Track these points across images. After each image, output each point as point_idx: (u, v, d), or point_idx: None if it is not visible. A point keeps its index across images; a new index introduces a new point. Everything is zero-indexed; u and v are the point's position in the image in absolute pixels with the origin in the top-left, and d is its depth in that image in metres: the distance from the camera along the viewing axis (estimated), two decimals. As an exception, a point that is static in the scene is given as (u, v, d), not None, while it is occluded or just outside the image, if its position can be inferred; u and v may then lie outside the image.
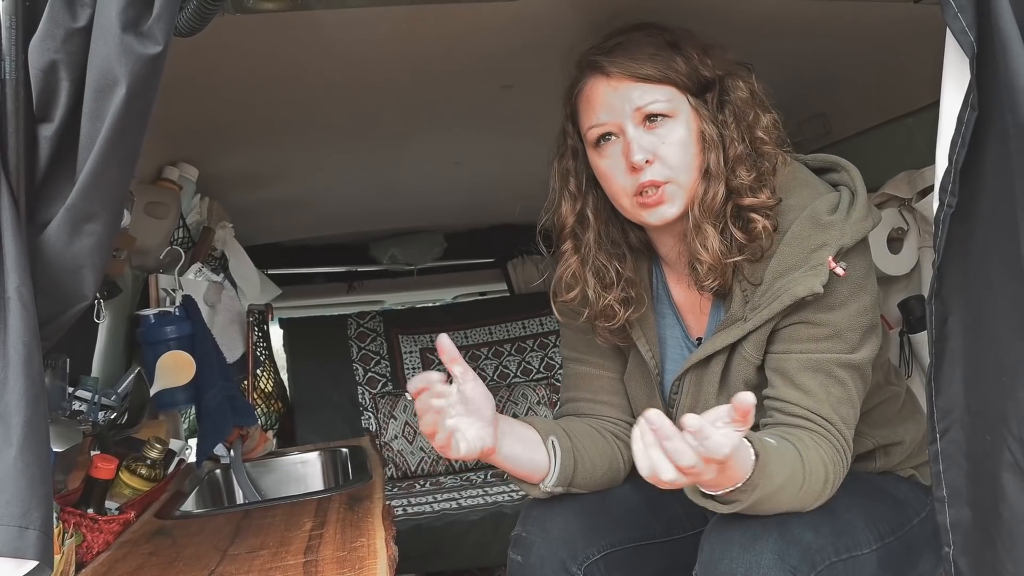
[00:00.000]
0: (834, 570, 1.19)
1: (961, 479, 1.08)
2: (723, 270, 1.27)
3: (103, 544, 1.46)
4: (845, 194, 1.29)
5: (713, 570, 1.18)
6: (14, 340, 0.93)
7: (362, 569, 1.15)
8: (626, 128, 1.25)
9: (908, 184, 2.00)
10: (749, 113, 1.29)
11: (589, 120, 1.29)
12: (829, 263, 1.22)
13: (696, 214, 1.26)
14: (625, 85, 1.25)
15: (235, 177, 2.38)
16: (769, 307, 1.25)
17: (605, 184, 1.31)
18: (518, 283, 3.82)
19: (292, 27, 1.36)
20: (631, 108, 1.25)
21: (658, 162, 1.24)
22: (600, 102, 1.27)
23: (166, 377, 1.92)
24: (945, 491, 1.09)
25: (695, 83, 1.27)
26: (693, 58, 1.27)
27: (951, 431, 1.09)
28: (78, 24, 0.90)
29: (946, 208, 1.06)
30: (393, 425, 3.12)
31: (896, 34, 1.60)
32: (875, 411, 1.42)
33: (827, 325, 1.24)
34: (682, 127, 1.26)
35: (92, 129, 0.91)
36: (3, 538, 0.89)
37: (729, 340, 1.29)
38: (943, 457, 1.10)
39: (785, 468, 1.15)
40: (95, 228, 0.95)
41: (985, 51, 1.02)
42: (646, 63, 1.25)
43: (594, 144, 1.29)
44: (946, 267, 1.08)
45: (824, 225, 1.24)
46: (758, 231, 1.25)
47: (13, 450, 0.91)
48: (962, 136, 1.05)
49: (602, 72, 1.27)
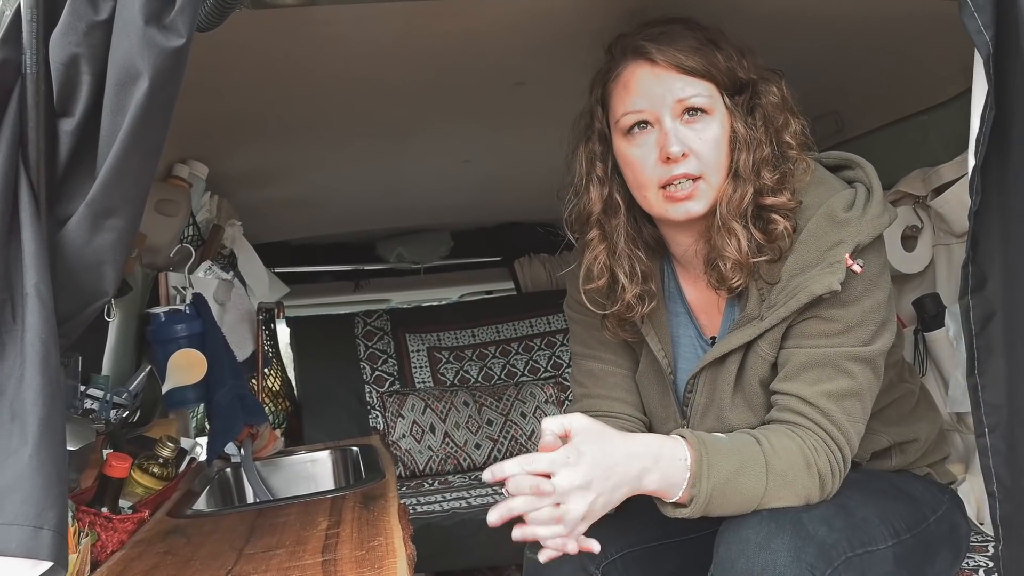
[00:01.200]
0: (850, 565, 1.19)
1: (1009, 474, 1.09)
2: (749, 269, 1.26)
3: (117, 543, 1.46)
4: (861, 191, 1.28)
5: (729, 569, 1.17)
6: (31, 337, 0.92)
7: (382, 568, 1.14)
8: (663, 118, 1.24)
9: (922, 182, 2.00)
10: (779, 118, 1.28)
11: (625, 105, 1.26)
12: (846, 260, 1.21)
13: (723, 212, 1.25)
14: (669, 75, 1.23)
15: (243, 175, 2.37)
16: (786, 305, 1.24)
17: (630, 173, 1.29)
18: (525, 282, 3.81)
19: (303, 23, 1.35)
20: (672, 99, 1.23)
21: (692, 157, 1.23)
22: (640, 88, 1.25)
23: (178, 375, 1.91)
24: (996, 487, 1.10)
25: (732, 82, 1.26)
26: (732, 57, 1.26)
27: (1001, 427, 1.09)
28: (100, 17, 0.88)
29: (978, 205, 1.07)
30: (401, 424, 3.11)
31: (910, 31, 1.59)
32: (890, 408, 1.42)
33: (840, 320, 1.24)
34: (717, 125, 1.25)
35: (113, 123, 0.90)
36: (17, 538, 0.88)
37: (745, 339, 1.28)
38: (993, 452, 1.10)
39: (734, 453, 1.18)
40: (116, 223, 0.94)
41: (1003, 50, 1.02)
42: (692, 55, 1.23)
43: (625, 131, 1.27)
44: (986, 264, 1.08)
45: (841, 222, 1.24)
46: (779, 232, 1.24)
47: (29, 449, 0.90)
48: (984, 134, 1.05)
49: (646, 58, 1.24)
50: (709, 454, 1.16)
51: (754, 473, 1.18)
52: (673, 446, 1.17)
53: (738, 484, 1.17)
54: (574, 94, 1.80)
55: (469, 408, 3.18)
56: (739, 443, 1.21)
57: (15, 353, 0.90)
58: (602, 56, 1.34)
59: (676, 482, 1.16)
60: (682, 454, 1.16)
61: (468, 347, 3.44)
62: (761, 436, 1.22)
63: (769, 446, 1.20)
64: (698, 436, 1.19)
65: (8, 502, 0.87)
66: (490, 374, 3.38)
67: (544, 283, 3.78)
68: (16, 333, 0.91)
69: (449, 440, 3.12)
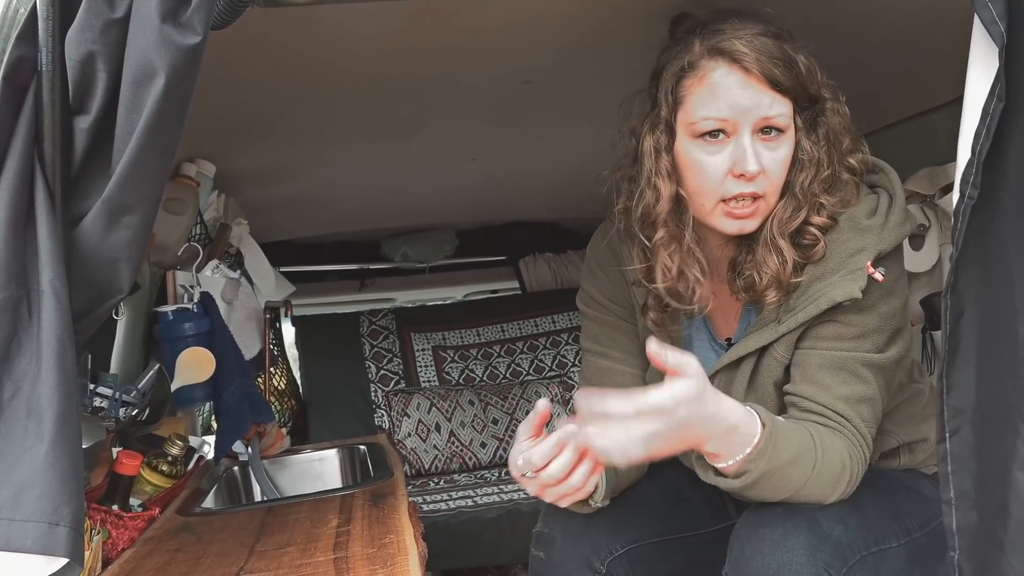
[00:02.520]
0: (865, 564, 1.19)
1: (970, 481, 1.05)
2: (787, 287, 1.23)
3: (128, 541, 1.46)
4: (883, 197, 1.27)
5: (744, 568, 1.17)
6: (47, 334, 0.92)
7: (394, 566, 1.14)
8: (742, 131, 1.18)
9: (930, 180, 2.00)
10: (844, 139, 1.24)
11: (707, 110, 1.19)
12: (868, 268, 1.20)
13: (773, 229, 1.21)
14: (761, 88, 1.17)
15: (250, 173, 2.37)
16: (805, 310, 1.23)
17: (692, 177, 1.23)
18: (530, 281, 3.81)
19: (312, 21, 1.35)
20: (758, 115, 1.17)
21: (763, 176, 1.19)
22: (727, 96, 1.17)
23: (186, 373, 1.91)
24: (953, 493, 1.05)
25: (804, 98, 1.21)
26: (808, 70, 1.20)
27: (961, 431, 1.05)
28: (116, 15, 0.88)
29: (967, 200, 1.03)
30: (406, 423, 3.11)
31: (918, 30, 1.59)
32: (899, 409, 1.41)
33: (856, 325, 1.23)
34: (789, 144, 1.20)
35: (129, 121, 0.90)
36: (33, 535, 0.88)
37: (762, 342, 1.28)
38: (952, 458, 1.05)
39: (794, 443, 1.16)
40: (132, 220, 0.94)
41: (1014, 41, 1.01)
42: (781, 68, 1.17)
43: (697, 135, 1.20)
44: (963, 261, 1.04)
45: (863, 230, 1.23)
46: (816, 251, 1.22)
47: (45, 445, 0.90)
48: (987, 127, 1.02)
49: (737, 63, 1.17)
50: (775, 438, 1.14)
51: (803, 467, 1.16)
52: (749, 422, 1.13)
53: (787, 473, 1.15)
54: (582, 93, 1.80)
55: (474, 407, 3.18)
56: (800, 434, 1.18)
57: (31, 350, 0.90)
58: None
59: (735, 452, 1.13)
60: (755, 431, 1.13)
61: (473, 346, 3.44)
62: (814, 431, 1.20)
63: (821, 444, 1.19)
64: (771, 418, 1.16)
65: (24, 498, 0.87)
66: (495, 373, 3.39)
67: (549, 282, 3.78)
68: (32, 330, 0.91)
69: (454, 439, 3.12)
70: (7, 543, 0.86)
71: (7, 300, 0.90)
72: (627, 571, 1.38)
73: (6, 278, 0.90)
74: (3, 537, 0.86)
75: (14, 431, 0.88)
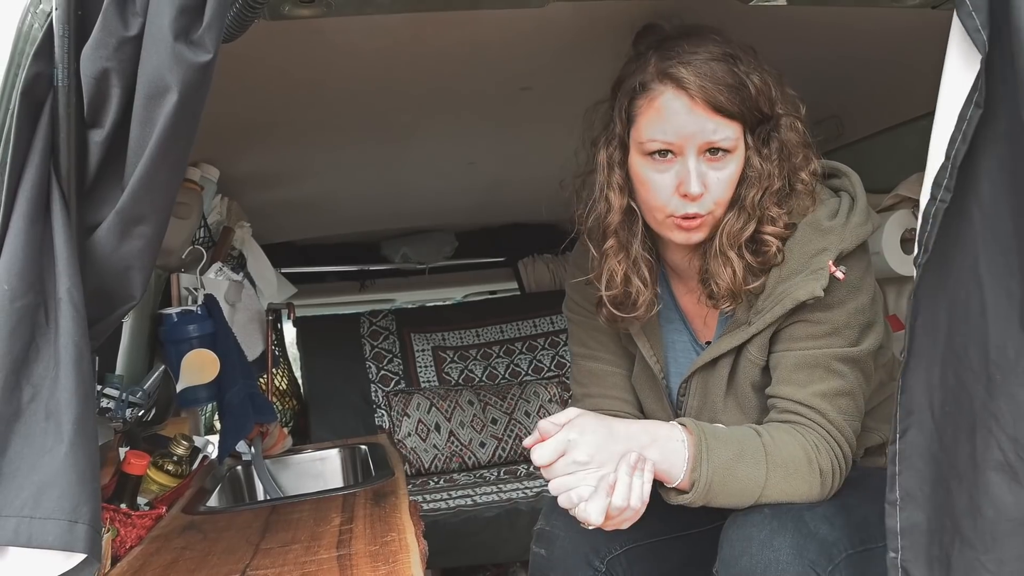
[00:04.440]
0: (851, 562, 1.22)
1: (915, 482, 1.06)
2: (740, 296, 1.29)
3: (136, 539, 1.49)
4: (845, 200, 1.31)
5: (733, 567, 1.20)
6: (65, 340, 0.95)
7: (396, 563, 1.17)
8: (688, 154, 1.23)
9: (920, 185, 2.02)
10: (798, 154, 1.29)
11: (654, 132, 1.24)
12: (829, 267, 1.25)
13: (722, 241, 1.26)
14: (704, 114, 1.21)
15: (253, 177, 2.40)
16: (771, 311, 1.28)
17: (643, 192, 1.28)
18: (528, 282, 3.84)
19: (314, 32, 1.38)
20: (702, 139, 1.22)
21: (707, 195, 1.24)
22: (673, 121, 1.23)
23: (191, 375, 1.94)
24: (899, 494, 1.07)
25: (755, 118, 1.25)
26: (761, 92, 1.24)
27: (910, 432, 1.06)
28: (130, 33, 0.92)
29: (938, 203, 1.02)
30: (406, 423, 3.15)
31: (911, 38, 1.61)
32: (882, 407, 1.45)
33: (826, 323, 1.27)
34: (735, 163, 1.25)
35: (142, 135, 0.93)
36: (54, 532, 0.91)
37: (734, 343, 1.32)
38: (900, 458, 1.07)
39: (732, 442, 1.21)
40: (144, 230, 0.97)
41: (993, 51, 1.03)
42: (726, 93, 1.21)
43: (647, 153, 1.26)
44: (931, 263, 1.04)
45: (824, 231, 1.27)
46: (771, 254, 1.27)
47: (64, 447, 0.93)
48: (963, 133, 1.03)
49: (684, 90, 1.21)
50: (708, 439, 1.20)
51: (754, 461, 1.20)
52: (670, 428, 1.21)
53: (738, 471, 1.20)
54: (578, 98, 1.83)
55: (474, 407, 3.22)
56: (738, 432, 1.24)
57: (49, 355, 0.94)
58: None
59: (676, 462, 1.19)
60: (679, 435, 1.20)
61: (472, 347, 3.47)
62: (761, 428, 1.25)
63: (769, 438, 1.23)
64: (696, 423, 1.22)
65: (45, 497, 0.90)
66: (494, 373, 3.42)
67: (547, 283, 3.81)
68: (50, 336, 0.94)
69: (454, 439, 3.16)
70: (29, 539, 0.90)
71: (26, 307, 0.93)
72: (626, 570, 1.42)
73: (25, 286, 0.93)
74: (25, 534, 0.90)
75: (34, 433, 0.92)
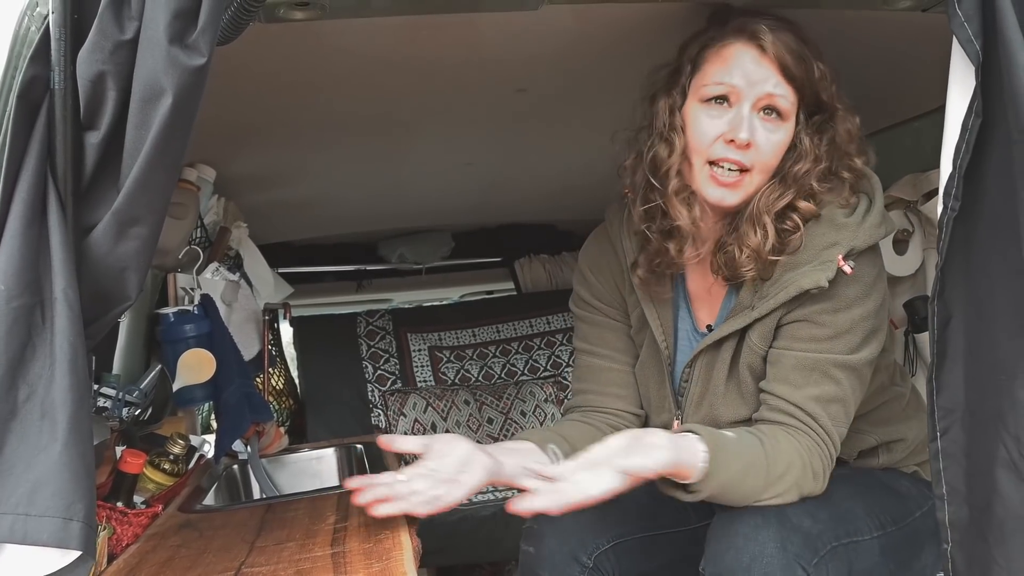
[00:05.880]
0: (836, 554, 1.24)
1: (960, 477, 1.11)
2: (763, 263, 1.30)
3: (132, 537, 1.50)
4: (864, 201, 1.33)
5: (720, 562, 1.23)
6: (61, 340, 0.96)
7: (389, 560, 1.18)
8: (744, 103, 1.26)
9: (913, 187, 2.04)
10: (850, 146, 1.32)
11: (718, 75, 1.28)
12: (838, 260, 1.26)
13: (759, 205, 1.29)
14: (771, 67, 1.25)
15: (249, 178, 2.40)
16: (775, 297, 1.29)
17: (691, 135, 1.30)
18: (525, 282, 3.85)
19: (311, 35, 1.38)
20: (762, 91, 1.26)
21: (754, 149, 1.26)
22: (740, 67, 1.26)
23: (187, 374, 1.95)
24: (945, 489, 1.12)
25: (814, 101, 1.29)
26: (824, 78, 1.29)
27: (952, 430, 1.11)
28: (126, 36, 0.92)
29: (949, 211, 1.09)
30: (403, 422, 3.15)
31: (903, 41, 1.63)
32: (879, 410, 1.46)
33: (830, 326, 1.29)
34: (785, 131, 1.28)
35: (138, 137, 0.94)
36: (48, 529, 0.92)
37: (738, 326, 1.34)
38: (943, 455, 1.13)
39: (742, 457, 1.23)
40: (140, 231, 0.98)
41: (990, 59, 1.05)
42: (794, 58, 1.26)
43: (705, 98, 1.29)
44: (949, 269, 1.10)
45: (839, 226, 1.29)
46: (793, 240, 1.29)
47: (59, 445, 0.94)
48: (966, 142, 1.07)
49: (757, 43, 1.26)
50: (721, 454, 1.22)
51: (756, 474, 1.23)
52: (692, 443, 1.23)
53: (742, 483, 1.23)
54: (574, 100, 1.85)
55: (470, 407, 3.22)
56: (746, 446, 1.25)
57: (45, 355, 0.95)
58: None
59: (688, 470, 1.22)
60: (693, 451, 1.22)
61: (469, 346, 3.48)
62: (764, 438, 1.27)
63: (772, 448, 1.25)
64: (712, 433, 1.24)
65: (40, 495, 0.91)
66: (490, 373, 3.42)
67: (544, 284, 3.82)
68: (46, 336, 0.95)
69: (450, 438, 3.16)
70: (24, 537, 0.91)
71: (22, 307, 0.94)
72: (613, 565, 1.43)
73: (21, 286, 0.94)
74: (20, 531, 0.91)
75: (29, 431, 0.93)
